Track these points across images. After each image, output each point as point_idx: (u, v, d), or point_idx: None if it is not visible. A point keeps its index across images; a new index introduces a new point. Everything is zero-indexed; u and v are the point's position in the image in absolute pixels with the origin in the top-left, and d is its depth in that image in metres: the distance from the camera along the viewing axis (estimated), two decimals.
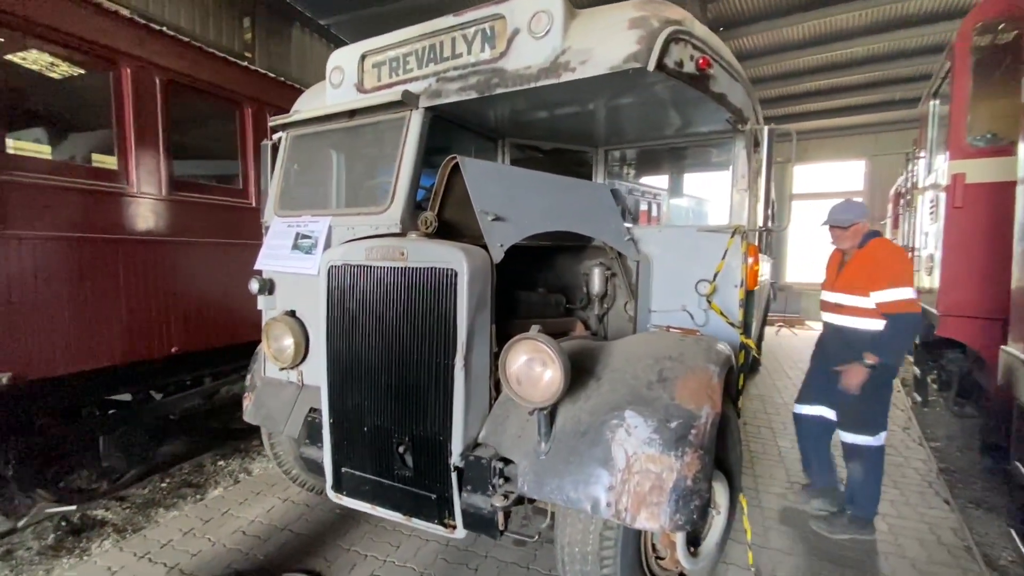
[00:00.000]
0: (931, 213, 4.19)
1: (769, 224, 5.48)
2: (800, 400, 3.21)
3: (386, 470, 2.15)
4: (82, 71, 3.13)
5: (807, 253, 13.19)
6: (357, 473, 2.24)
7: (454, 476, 1.96)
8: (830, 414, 3.04)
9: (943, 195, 3.75)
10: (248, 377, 2.96)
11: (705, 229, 2.82)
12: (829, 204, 3.17)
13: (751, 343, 2.60)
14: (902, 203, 7.07)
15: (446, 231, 2.23)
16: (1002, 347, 2.72)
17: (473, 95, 2.19)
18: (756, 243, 2.82)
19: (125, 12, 3.09)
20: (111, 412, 3.42)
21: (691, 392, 1.76)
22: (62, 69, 3.11)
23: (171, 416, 3.86)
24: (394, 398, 2.11)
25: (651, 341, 2.08)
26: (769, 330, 10.15)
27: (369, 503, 2.23)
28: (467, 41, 2.22)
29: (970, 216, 3.49)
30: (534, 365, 1.76)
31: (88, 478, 3.33)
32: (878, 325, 2.70)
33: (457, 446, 1.95)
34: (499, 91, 2.12)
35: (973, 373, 4.09)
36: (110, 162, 3.05)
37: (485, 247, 2.02)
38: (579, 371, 1.97)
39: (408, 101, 2.27)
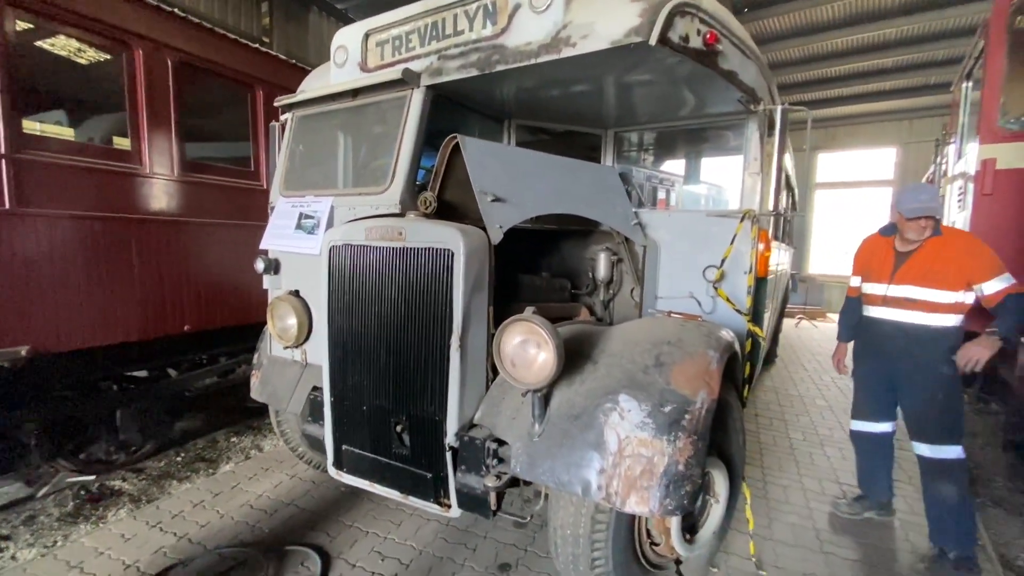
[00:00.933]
0: (959, 201, 4.01)
1: (788, 211, 5.34)
2: (859, 416, 2.88)
3: (384, 448, 2.17)
4: (94, 52, 3.18)
5: (831, 244, 12.86)
6: (356, 451, 2.27)
7: (449, 456, 1.96)
8: (889, 426, 2.84)
9: (972, 182, 3.58)
10: (256, 355, 3.02)
11: (714, 214, 2.75)
12: (856, 194, 3.02)
13: (759, 331, 2.54)
14: None
15: (447, 212, 2.22)
16: None
17: (474, 72, 2.16)
18: (768, 229, 2.74)
19: None
20: (128, 387, 3.53)
21: (687, 377, 1.72)
22: (74, 51, 3.16)
23: (186, 393, 3.96)
24: (392, 378, 2.12)
25: (651, 326, 2.04)
26: (788, 322, 9.94)
27: (368, 481, 2.25)
28: (468, 17, 2.18)
29: (1000, 203, 3.32)
30: (528, 347, 1.75)
31: (106, 450, 3.44)
32: (953, 321, 2.48)
33: (452, 426, 1.95)
34: (499, 68, 2.08)
35: (997, 367, 3.93)
36: (123, 143, 3.11)
37: (484, 228, 2.00)
38: (576, 354, 1.96)
39: (409, 79, 2.24)
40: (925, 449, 2.57)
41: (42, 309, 2.72)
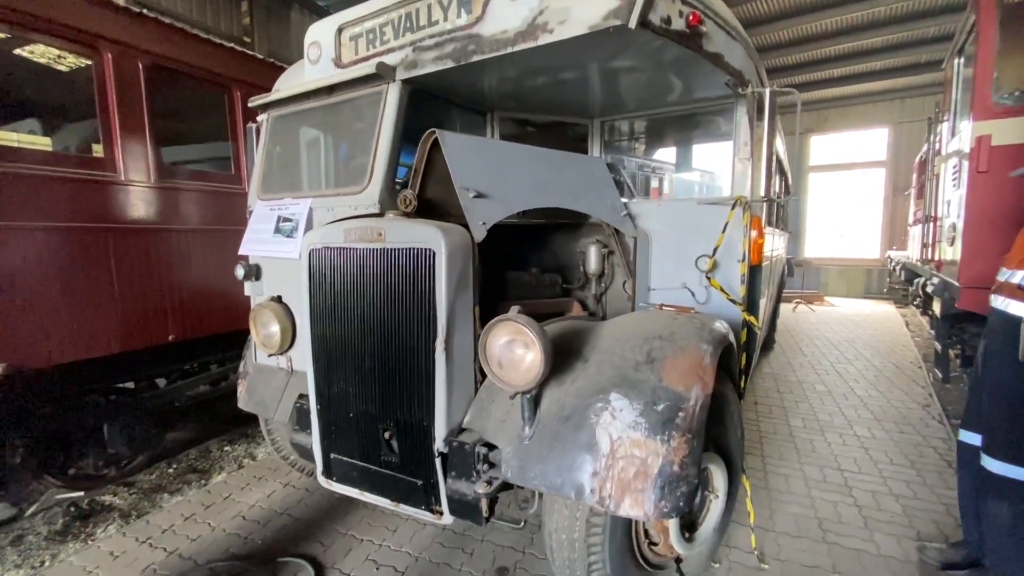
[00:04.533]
0: (954, 179, 3.95)
1: (782, 196, 5.28)
2: (970, 425, 2.27)
3: (373, 456, 2.12)
4: (63, 58, 3.08)
5: (826, 227, 12.82)
6: (345, 459, 2.21)
7: (438, 462, 1.90)
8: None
9: (966, 160, 3.52)
10: (241, 364, 2.95)
11: (705, 202, 2.69)
12: (849, 176, 2.93)
13: (754, 320, 2.48)
14: (927, 172, 6.74)
15: (429, 210, 2.15)
16: None
17: (450, 64, 2.08)
18: (761, 215, 2.68)
19: None
20: (115, 399, 3.46)
21: (680, 373, 1.66)
22: (42, 57, 3.06)
23: (176, 403, 3.90)
24: (378, 383, 2.05)
25: (642, 320, 1.97)
26: (785, 307, 9.91)
27: (358, 489, 2.20)
28: (443, 7, 2.10)
29: (995, 181, 3.26)
30: (515, 347, 1.69)
31: (95, 465, 3.38)
32: None
33: (440, 431, 1.89)
34: (476, 58, 2.01)
35: None
36: (96, 150, 3.02)
37: (467, 226, 1.93)
38: (566, 352, 1.90)
39: (383, 73, 2.16)
40: (994, 465, 2.00)
41: (16, 325, 2.65)
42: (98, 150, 2.99)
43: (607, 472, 1.55)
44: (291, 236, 2.35)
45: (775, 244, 4.72)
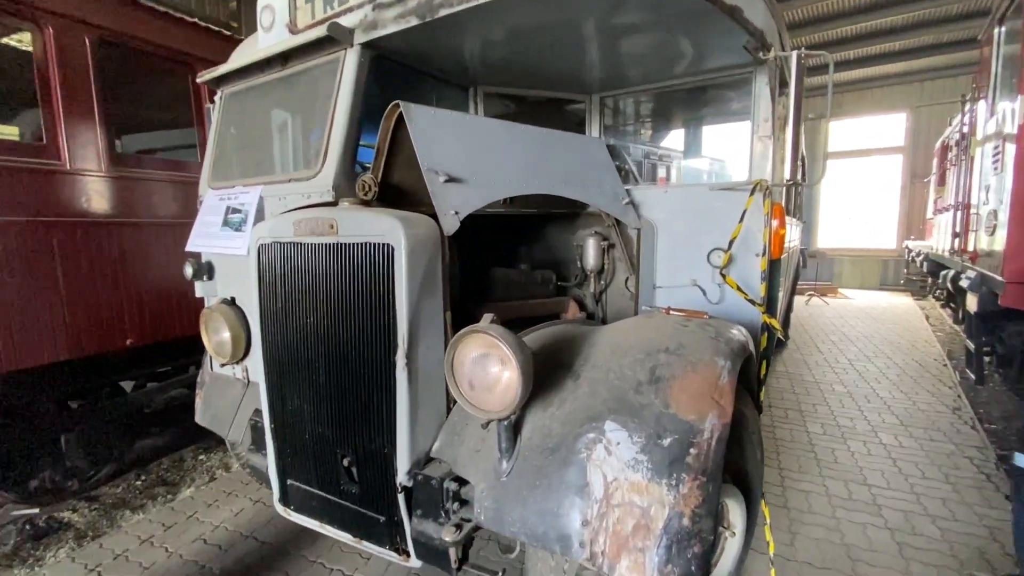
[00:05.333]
0: (995, 163, 3.56)
1: (801, 182, 4.90)
2: None
3: (332, 485, 1.82)
4: None
5: (842, 216, 12.36)
6: (303, 487, 1.92)
7: (401, 498, 1.60)
8: None
9: (1011, 142, 3.14)
10: (200, 372, 2.66)
11: (719, 187, 2.36)
12: (863, 163, 2.59)
13: (775, 323, 2.15)
14: (951, 156, 6.32)
15: (397, 198, 1.83)
16: None
17: (414, 21, 1.74)
18: (783, 202, 2.34)
19: None
20: (71, 408, 3.19)
21: (691, 396, 1.34)
22: None
23: (145, 409, 3.63)
24: (335, 401, 1.75)
25: (645, 328, 1.65)
26: (799, 299, 9.52)
27: (318, 521, 1.90)
28: None
29: None
30: (488, 364, 1.37)
31: (52, 479, 3.12)
32: None
33: (403, 462, 1.59)
34: (443, 12, 1.67)
35: None
36: (36, 136, 2.71)
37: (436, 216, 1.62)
38: (553, 366, 1.59)
39: (338, 37, 1.83)
40: None
41: None
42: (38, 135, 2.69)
43: (600, 522, 1.24)
44: (239, 230, 2.05)
45: (793, 235, 4.36)
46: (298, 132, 2.21)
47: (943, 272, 5.63)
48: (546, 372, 1.56)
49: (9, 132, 3.04)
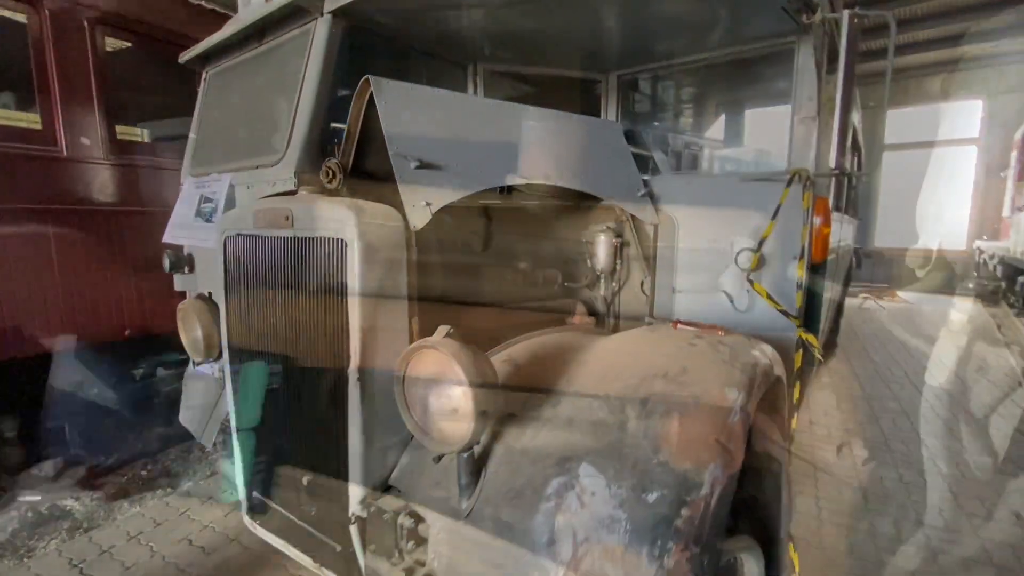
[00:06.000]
0: None
1: (855, 173, 4.37)
2: None
3: (293, 504, 1.66)
4: None
5: (900, 213, 11.40)
6: (268, 502, 1.77)
7: (354, 529, 1.40)
8: None
9: None
10: (187, 368, 2.56)
11: (751, 178, 2.04)
12: (927, 155, 2.19)
13: (814, 340, 1.82)
14: None
15: (372, 188, 1.62)
16: None
17: None
18: (827, 196, 1.99)
19: None
20: (76, 397, 3.18)
21: (690, 439, 1.07)
22: None
23: (155, 399, 3.60)
24: (295, 415, 1.58)
25: (643, 344, 1.38)
26: (852, 302, 8.82)
27: (283, 540, 1.75)
28: None
29: None
30: (442, 388, 1.15)
31: (54, 466, 3.12)
32: None
33: (356, 490, 1.39)
34: None
35: None
36: (32, 121, 2.67)
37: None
38: (536, 384, 1.34)
39: (306, 4, 1.63)
40: None
41: None
42: (34, 121, 2.64)
43: None
44: (210, 220, 1.90)
45: (842, 234, 3.91)
46: (263, 113, 2.03)
47: (1021, 277, 4.98)
48: (526, 390, 1.32)
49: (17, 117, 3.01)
